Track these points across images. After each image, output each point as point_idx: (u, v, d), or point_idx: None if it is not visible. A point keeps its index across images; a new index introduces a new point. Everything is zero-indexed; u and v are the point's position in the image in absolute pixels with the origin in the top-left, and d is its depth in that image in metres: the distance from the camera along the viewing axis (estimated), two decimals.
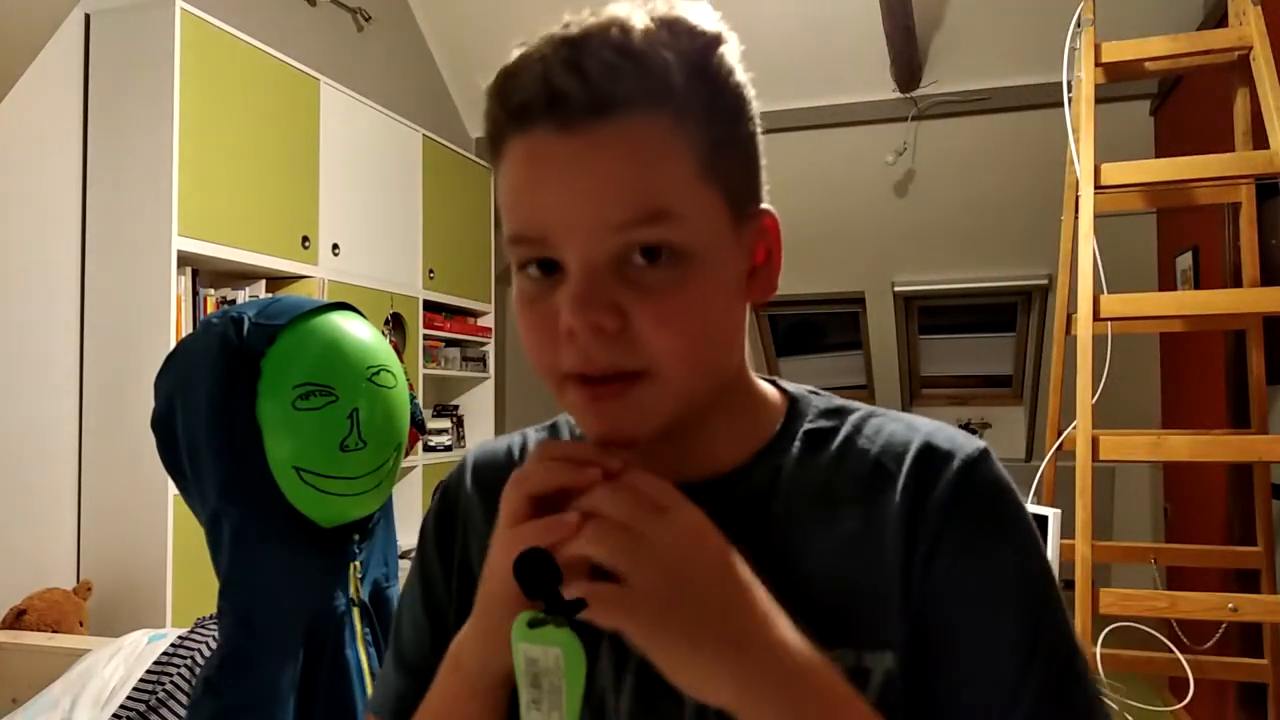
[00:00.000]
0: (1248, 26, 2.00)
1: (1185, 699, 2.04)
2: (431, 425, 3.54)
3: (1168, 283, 3.56)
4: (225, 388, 1.06)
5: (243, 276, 2.60)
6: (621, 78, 0.49)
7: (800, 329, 4.94)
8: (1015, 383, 4.72)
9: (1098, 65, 2.14)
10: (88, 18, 2.35)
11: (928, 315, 4.62)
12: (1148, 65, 2.24)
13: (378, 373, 1.12)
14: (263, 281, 2.62)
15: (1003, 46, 3.46)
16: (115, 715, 1.54)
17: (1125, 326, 2.21)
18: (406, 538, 1.38)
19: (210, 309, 2.43)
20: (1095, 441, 1.88)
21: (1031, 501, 1.96)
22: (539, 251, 0.52)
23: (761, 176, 0.57)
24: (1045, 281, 4.05)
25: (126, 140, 2.30)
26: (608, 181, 0.49)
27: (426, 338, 3.40)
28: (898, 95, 3.64)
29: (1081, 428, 1.89)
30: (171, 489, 2.10)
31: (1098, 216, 1.98)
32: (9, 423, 2.17)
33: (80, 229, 2.33)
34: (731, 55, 0.54)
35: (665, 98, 0.50)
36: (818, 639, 0.51)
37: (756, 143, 0.56)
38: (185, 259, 2.31)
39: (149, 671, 1.60)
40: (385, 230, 3.16)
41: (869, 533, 0.56)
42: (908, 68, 3.50)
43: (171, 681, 1.55)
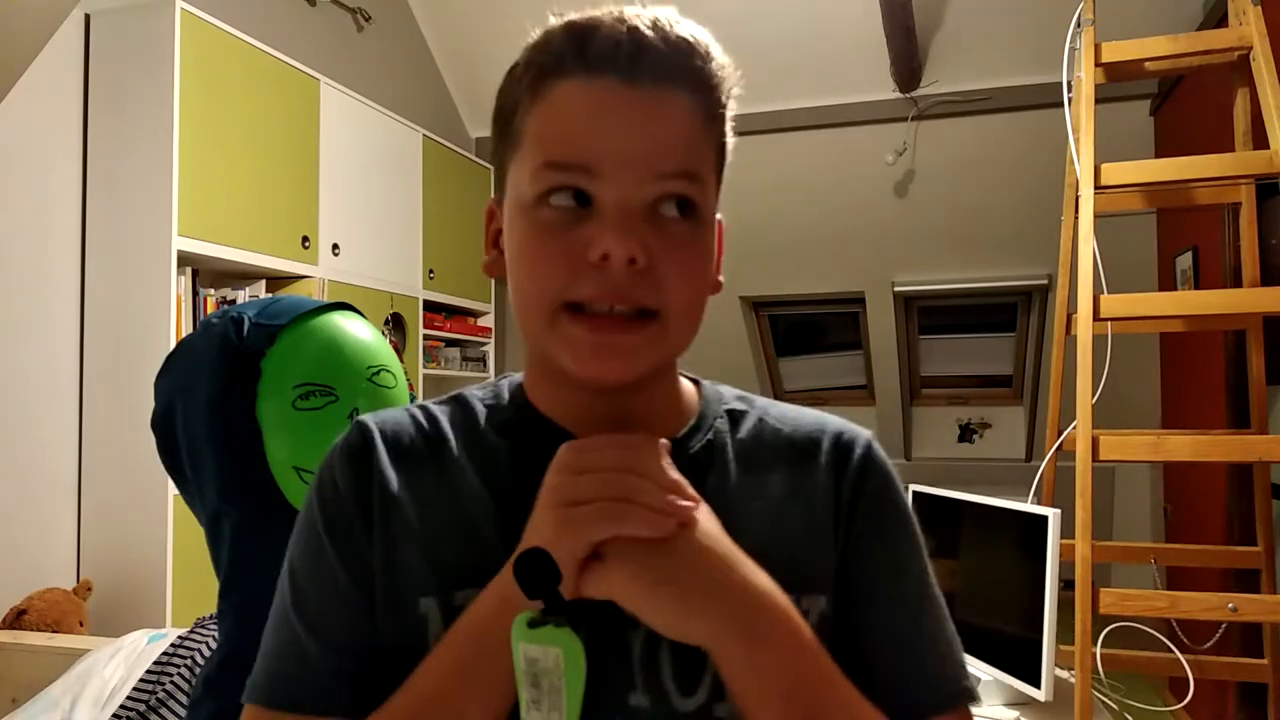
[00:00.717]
0: (1248, 26, 2.00)
1: (1185, 699, 2.04)
2: None
3: (1168, 283, 3.56)
4: (225, 388, 1.06)
5: (243, 276, 2.60)
6: (690, 58, 0.58)
7: (800, 329, 4.94)
8: (1015, 383, 4.72)
9: (1098, 65, 2.14)
10: (88, 18, 2.35)
11: (928, 315, 4.62)
12: (1148, 65, 2.24)
13: (378, 373, 1.12)
14: (263, 281, 2.62)
15: (1003, 46, 3.46)
16: (115, 715, 1.54)
17: (1125, 326, 2.21)
18: None
19: (210, 309, 2.43)
20: (1095, 441, 1.88)
21: (1031, 501, 1.96)
22: (573, 179, 0.56)
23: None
24: (1045, 281, 4.05)
25: (126, 140, 2.30)
26: (667, 133, 0.56)
27: (426, 338, 3.40)
28: (898, 95, 3.64)
29: (1081, 428, 1.89)
30: (171, 489, 2.10)
31: (1098, 216, 1.98)
32: (9, 423, 2.17)
33: (80, 229, 2.33)
34: (739, 86, 0.63)
35: (707, 91, 0.59)
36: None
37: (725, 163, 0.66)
38: (185, 259, 2.31)
39: (149, 671, 1.60)
40: (385, 230, 3.16)
41: (798, 497, 0.64)
42: (908, 68, 3.50)
43: (171, 681, 1.55)
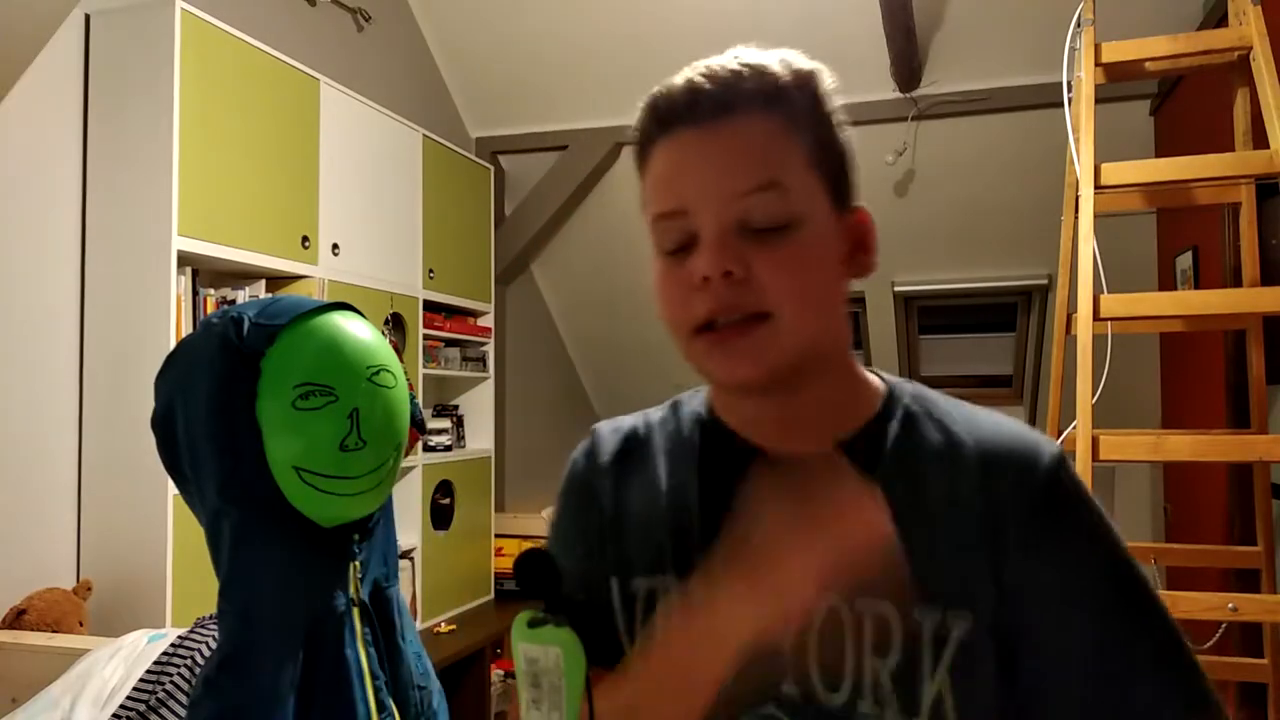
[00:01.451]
0: (1248, 26, 2.00)
1: None
2: (431, 425, 3.54)
3: (1168, 283, 3.56)
4: (225, 388, 1.06)
5: (243, 276, 2.60)
6: (744, 82, 0.64)
7: None
8: (1015, 383, 4.72)
9: (1098, 65, 2.14)
10: (88, 18, 2.35)
11: (928, 315, 4.62)
12: (1148, 65, 2.24)
13: (378, 372, 1.12)
14: (263, 281, 2.62)
15: (1003, 46, 3.45)
16: (115, 715, 1.54)
17: (1125, 326, 2.21)
18: (406, 537, 1.38)
19: (210, 309, 2.43)
20: (1095, 441, 1.88)
21: None
22: (675, 224, 0.64)
23: (855, 182, 0.69)
24: (1045, 281, 4.05)
25: (126, 140, 2.30)
26: (731, 160, 0.62)
27: (426, 338, 3.40)
28: (898, 95, 3.64)
29: (1081, 428, 1.89)
30: (171, 489, 2.10)
31: (1098, 216, 1.98)
32: (9, 423, 2.17)
33: (80, 229, 2.33)
34: (828, 85, 0.68)
35: (778, 102, 0.64)
36: (908, 594, 0.61)
37: (850, 155, 0.69)
38: (185, 259, 2.31)
39: (149, 671, 1.60)
40: (385, 230, 3.16)
41: (956, 508, 0.63)
42: (908, 68, 3.50)
43: (171, 681, 1.55)
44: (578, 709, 0.51)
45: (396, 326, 3.21)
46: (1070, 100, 2.22)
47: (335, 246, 2.85)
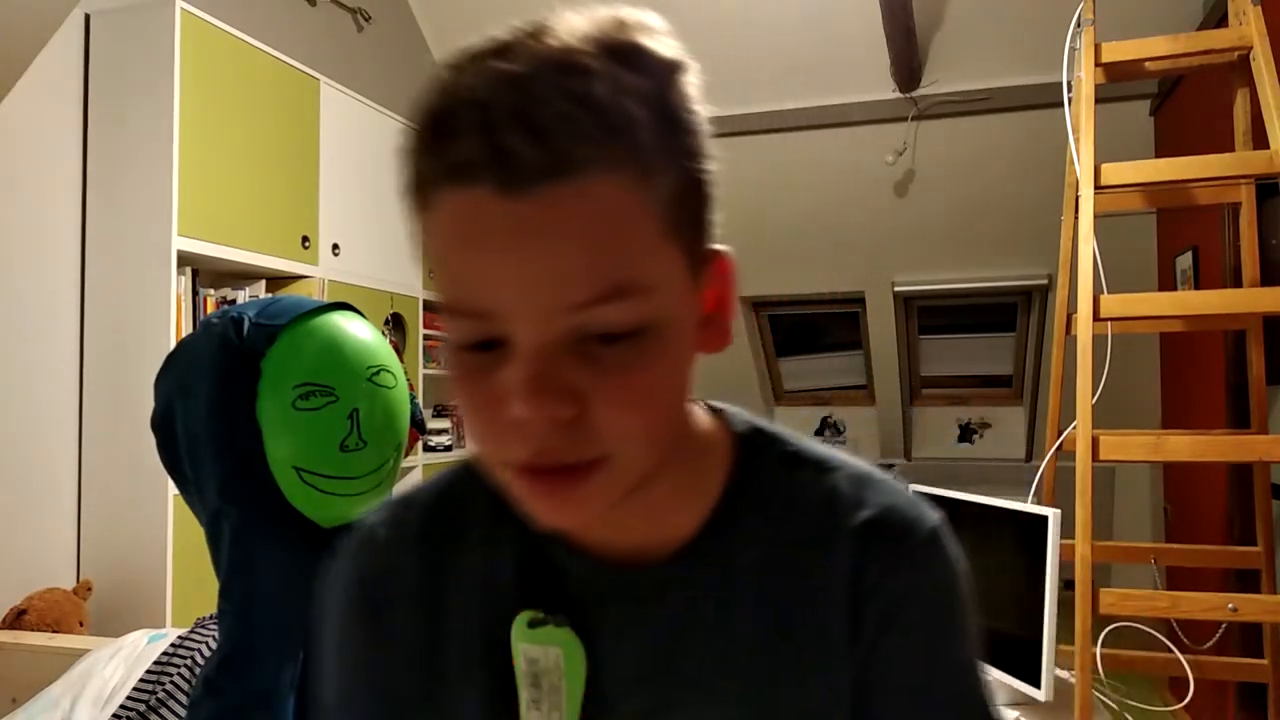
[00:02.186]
0: (1248, 26, 2.00)
1: (1185, 699, 2.04)
2: (431, 425, 3.54)
3: (1168, 283, 3.56)
4: (225, 388, 1.06)
5: (243, 276, 2.60)
6: (581, 134, 0.42)
7: (800, 329, 4.94)
8: (1015, 383, 4.72)
9: (1098, 65, 2.14)
10: (88, 18, 2.35)
11: (928, 315, 4.62)
12: (1148, 65, 2.23)
13: (378, 373, 1.12)
14: (263, 281, 2.62)
15: (1003, 46, 3.45)
16: (115, 715, 1.54)
17: (1125, 326, 2.21)
18: None
19: (210, 309, 2.43)
20: (1095, 441, 1.87)
21: (1031, 501, 1.96)
22: (481, 328, 0.45)
23: (713, 219, 0.50)
24: (1045, 281, 4.05)
25: (126, 140, 2.30)
26: (566, 256, 0.42)
27: (426, 338, 3.40)
28: (898, 95, 3.64)
29: (1081, 428, 1.88)
30: (171, 489, 2.10)
31: (1098, 216, 1.97)
32: (9, 423, 2.17)
33: (80, 229, 2.33)
34: (691, 85, 0.47)
35: (630, 154, 0.43)
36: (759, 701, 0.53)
37: (710, 188, 0.49)
38: (185, 259, 2.31)
39: (149, 671, 1.61)
40: (385, 230, 3.16)
41: (828, 613, 0.54)
42: (908, 68, 3.50)
43: (171, 681, 1.55)
44: (578, 709, 0.51)
45: (397, 326, 3.21)
46: (1070, 100, 2.22)
47: (335, 246, 2.85)
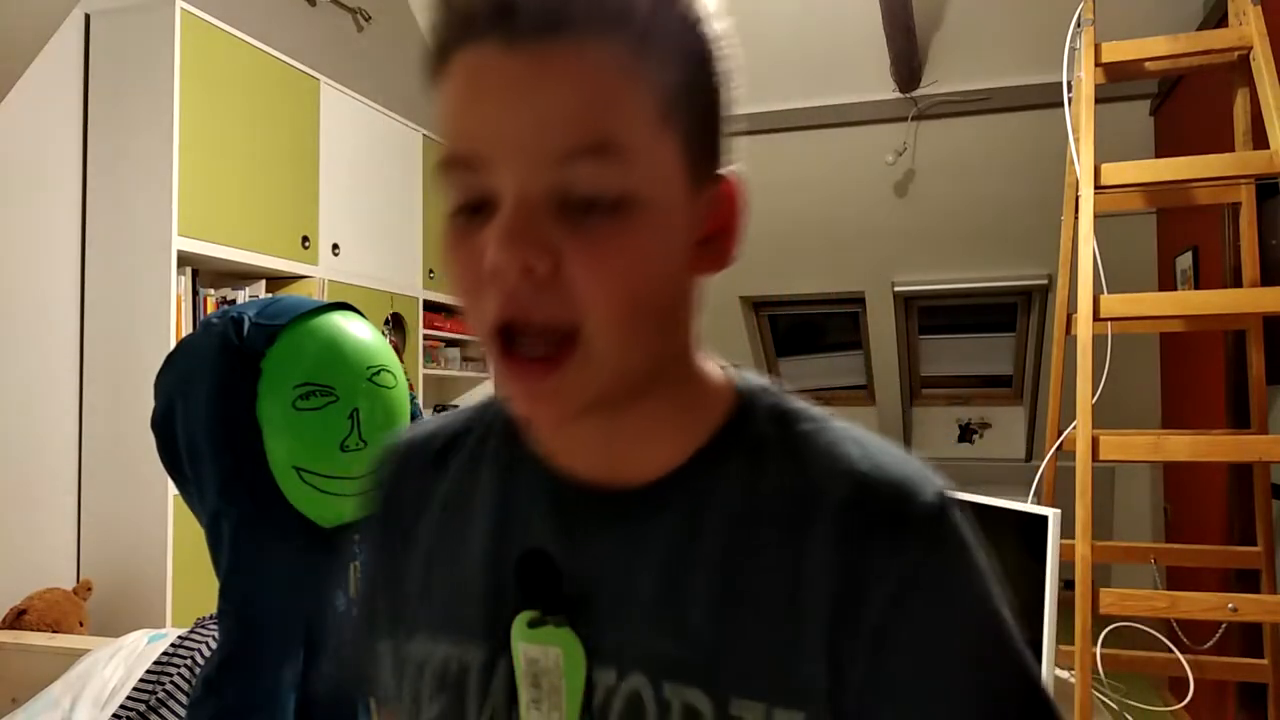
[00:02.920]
0: (1248, 26, 2.00)
1: (1185, 699, 2.04)
2: None
3: (1168, 283, 3.56)
4: (225, 388, 1.06)
5: (243, 276, 2.60)
6: None
7: (800, 329, 4.94)
8: (1015, 383, 4.72)
9: (1098, 65, 2.14)
10: (88, 18, 2.35)
11: (928, 315, 4.62)
12: (1148, 65, 2.24)
13: (378, 373, 1.12)
14: (263, 281, 2.62)
15: (1003, 46, 3.45)
16: (115, 715, 1.54)
17: (1125, 326, 2.21)
18: None
19: (210, 309, 2.43)
20: (1095, 441, 1.87)
21: (1031, 501, 1.96)
22: (463, 178, 0.48)
23: (727, 139, 0.51)
24: (1045, 281, 4.05)
25: (126, 140, 2.30)
26: (551, 106, 0.44)
27: (426, 338, 3.40)
28: (898, 95, 3.64)
29: (1081, 428, 1.88)
30: (171, 489, 2.10)
31: (1098, 216, 1.98)
32: (9, 423, 2.17)
33: (80, 229, 2.33)
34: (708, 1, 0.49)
35: (626, 22, 0.45)
36: (727, 685, 0.48)
37: (724, 100, 0.50)
38: (185, 259, 2.31)
39: (149, 671, 1.61)
40: (385, 230, 3.16)
41: (800, 586, 0.49)
42: (908, 68, 3.50)
43: (171, 681, 1.55)
44: (578, 709, 0.51)
45: (396, 326, 3.21)
46: (1070, 100, 2.22)
47: (335, 246, 2.85)
